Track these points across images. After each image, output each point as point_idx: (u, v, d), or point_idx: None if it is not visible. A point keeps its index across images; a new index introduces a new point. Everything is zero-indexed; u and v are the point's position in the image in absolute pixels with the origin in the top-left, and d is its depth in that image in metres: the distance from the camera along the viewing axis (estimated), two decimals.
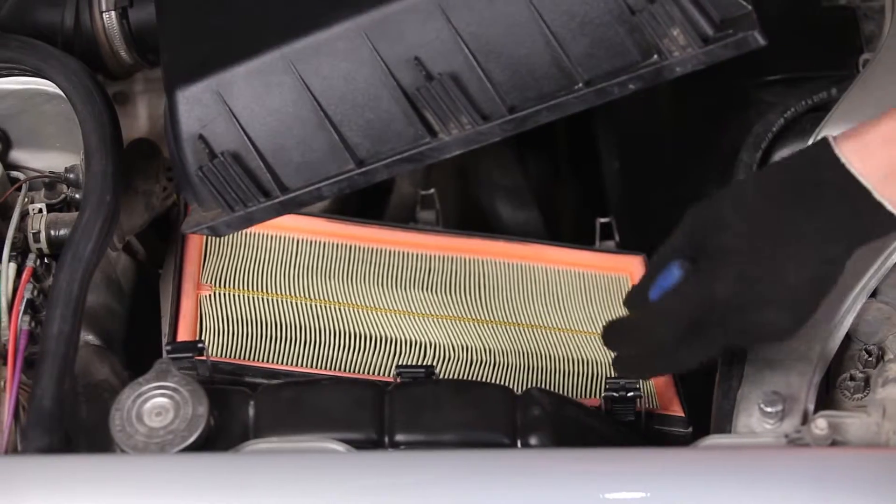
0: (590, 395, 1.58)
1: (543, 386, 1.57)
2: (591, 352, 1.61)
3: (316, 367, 1.54)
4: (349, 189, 1.48)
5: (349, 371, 1.54)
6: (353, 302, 1.61)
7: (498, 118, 1.45)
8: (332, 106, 1.46)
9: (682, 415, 1.54)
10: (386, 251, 1.68)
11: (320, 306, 1.59)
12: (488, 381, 1.56)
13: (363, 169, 1.47)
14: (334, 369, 1.54)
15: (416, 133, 1.46)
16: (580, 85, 1.45)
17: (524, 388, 1.47)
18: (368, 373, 1.54)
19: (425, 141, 1.46)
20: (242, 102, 1.46)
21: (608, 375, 1.56)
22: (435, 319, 1.62)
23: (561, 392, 1.57)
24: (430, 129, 1.46)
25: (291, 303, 1.59)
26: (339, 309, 1.60)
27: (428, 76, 1.44)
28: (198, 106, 1.46)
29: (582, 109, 1.45)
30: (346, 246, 1.67)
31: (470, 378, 1.56)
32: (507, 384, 1.56)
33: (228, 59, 1.47)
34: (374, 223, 1.72)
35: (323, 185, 1.47)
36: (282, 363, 1.53)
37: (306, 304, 1.59)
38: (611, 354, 1.50)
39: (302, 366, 1.53)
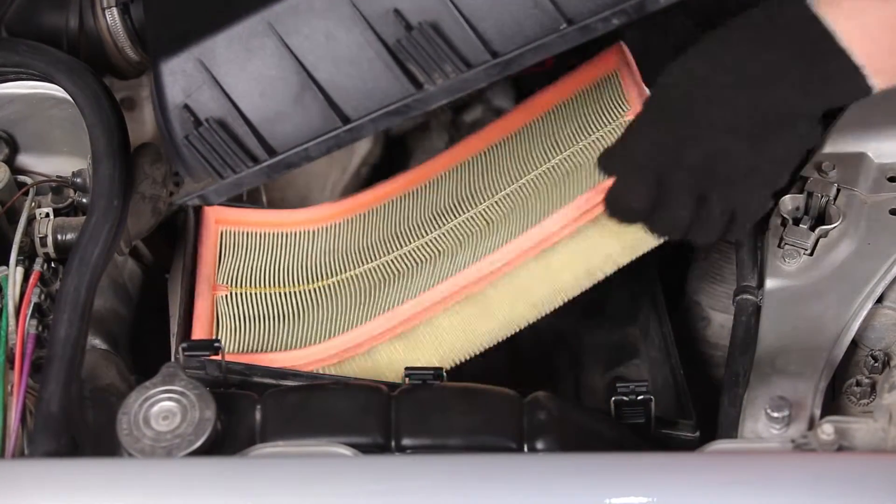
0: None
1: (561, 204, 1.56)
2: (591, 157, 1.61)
3: (337, 334, 1.53)
4: (337, 147, 1.47)
5: (375, 315, 1.53)
6: (368, 259, 1.62)
7: (481, 64, 1.45)
8: (314, 65, 1.46)
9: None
10: (391, 201, 1.70)
11: (337, 282, 1.60)
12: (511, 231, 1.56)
13: (349, 125, 1.46)
14: (354, 327, 1.53)
15: (401, 86, 1.45)
16: (564, 25, 1.45)
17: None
18: (393, 306, 1.54)
19: (410, 93, 1.46)
20: (225, 69, 1.46)
21: None
22: (445, 231, 1.63)
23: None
24: (414, 81, 1.45)
25: (308, 290, 1.60)
26: (355, 276, 1.61)
27: (408, 27, 1.44)
28: (182, 76, 1.47)
29: (567, 49, 1.45)
30: (352, 219, 1.68)
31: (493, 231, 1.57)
32: (527, 226, 1.55)
33: (209, 27, 1.47)
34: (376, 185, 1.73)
35: (310, 144, 1.47)
36: (302, 345, 1.53)
37: (323, 287, 1.60)
38: None
39: (323, 339, 1.53)
